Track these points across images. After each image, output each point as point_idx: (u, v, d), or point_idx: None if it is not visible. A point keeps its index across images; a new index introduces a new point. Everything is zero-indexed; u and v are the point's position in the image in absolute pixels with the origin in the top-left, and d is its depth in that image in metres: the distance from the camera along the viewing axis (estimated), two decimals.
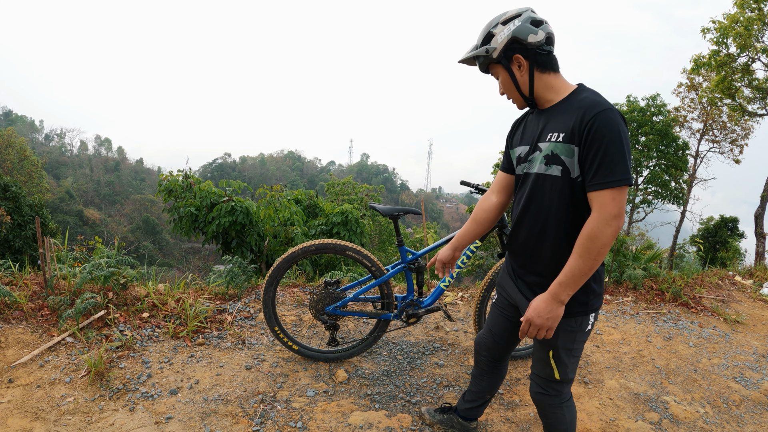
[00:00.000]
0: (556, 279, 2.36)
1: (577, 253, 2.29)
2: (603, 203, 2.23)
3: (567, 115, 2.35)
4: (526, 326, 2.44)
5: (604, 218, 2.23)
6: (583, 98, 2.34)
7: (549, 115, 2.47)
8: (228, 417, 3.51)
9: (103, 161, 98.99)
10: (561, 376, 2.65)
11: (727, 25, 16.35)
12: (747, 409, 4.41)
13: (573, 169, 2.33)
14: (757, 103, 18.77)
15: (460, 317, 5.56)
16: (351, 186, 30.68)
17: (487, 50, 2.45)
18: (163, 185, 7.61)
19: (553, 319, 2.38)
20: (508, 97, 2.59)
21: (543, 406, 2.78)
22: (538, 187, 2.47)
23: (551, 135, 2.40)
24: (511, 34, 2.38)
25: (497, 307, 2.99)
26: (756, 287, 8.10)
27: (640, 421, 3.99)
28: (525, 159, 2.56)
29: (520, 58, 2.41)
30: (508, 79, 2.49)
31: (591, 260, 2.27)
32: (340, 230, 8.69)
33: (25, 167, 48.60)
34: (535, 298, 2.44)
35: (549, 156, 2.40)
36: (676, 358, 5.13)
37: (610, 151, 2.20)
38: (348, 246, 4.00)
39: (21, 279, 4.80)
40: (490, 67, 2.55)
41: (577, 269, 2.29)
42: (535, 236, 2.53)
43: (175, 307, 4.79)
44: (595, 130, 2.21)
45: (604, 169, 2.21)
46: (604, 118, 2.22)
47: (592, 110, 2.25)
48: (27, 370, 3.73)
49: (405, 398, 3.94)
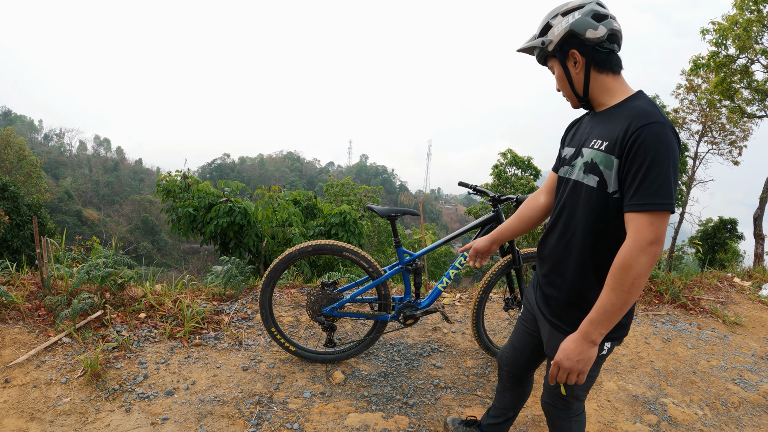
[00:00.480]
0: (587, 316, 2.15)
1: (609, 286, 2.07)
2: (639, 227, 2.01)
3: (614, 122, 2.16)
4: (555, 369, 2.23)
5: (639, 245, 2.00)
6: (635, 106, 2.12)
7: (599, 119, 2.30)
8: (224, 418, 3.50)
9: (102, 161, 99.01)
10: (567, 393, 2.54)
11: (726, 26, 16.36)
12: (746, 411, 4.40)
13: (610, 182, 2.13)
14: (756, 105, 18.78)
15: (458, 319, 5.55)
16: (350, 187, 30.73)
17: (543, 42, 2.28)
18: (161, 185, 7.61)
19: (584, 361, 2.16)
20: (564, 95, 2.40)
21: (551, 417, 2.73)
22: (574, 194, 2.30)
23: (595, 141, 2.22)
24: (568, 27, 2.18)
25: (521, 321, 2.87)
26: (755, 289, 8.09)
27: (639, 423, 3.98)
28: (569, 162, 2.40)
29: (576, 53, 2.22)
30: (563, 75, 2.31)
31: (625, 293, 2.04)
32: (338, 231, 8.68)
33: (23, 167, 48.62)
34: (566, 338, 2.22)
35: (588, 164, 2.22)
36: (675, 360, 5.13)
37: (654, 170, 1.98)
38: (345, 247, 3.99)
39: (18, 279, 4.79)
40: (548, 60, 2.37)
41: (609, 304, 2.07)
42: (563, 246, 2.38)
43: (172, 307, 4.78)
44: (640, 144, 2.00)
45: (645, 190, 1.99)
46: (652, 131, 1.99)
47: (640, 120, 2.03)
48: (23, 371, 3.72)
49: (402, 400, 3.93)
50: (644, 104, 2.10)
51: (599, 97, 2.28)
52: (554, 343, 2.43)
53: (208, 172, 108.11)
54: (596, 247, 2.24)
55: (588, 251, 2.26)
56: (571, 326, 2.35)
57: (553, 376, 2.25)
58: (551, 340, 2.47)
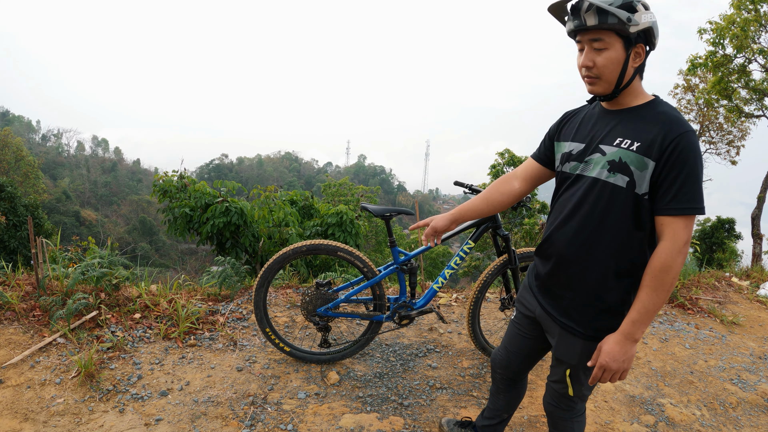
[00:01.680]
0: (628, 317, 2.19)
1: (650, 287, 2.13)
2: (677, 230, 2.10)
3: (645, 124, 2.18)
4: (599, 372, 2.25)
5: (677, 246, 2.09)
6: (666, 112, 2.18)
7: (621, 118, 2.28)
8: (218, 419, 3.48)
9: (100, 162, 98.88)
10: (575, 393, 2.55)
11: (723, 26, 16.36)
12: (744, 411, 4.40)
13: (642, 183, 2.15)
14: (753, 104, 18.78)
15: (454, 319, 5.54)
16: (347, 187, 30.73)
17: (629, 18, 2.08)
18: (158, 186, 7.59)
19: (629, 360, 2.22)
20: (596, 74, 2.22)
21: (553, 418, 2.72)
22: (595, 193, 2.26)
23: (622, 141, 2.21)
24: (651, 23, 2.13)
25: (514, 324, 2.84)
26: (753, 288, 8.09)
27: (636, 424, 3.98)
28: (579, 158, 2.36)
29: (642, 49, 2.19)
30: (621, 61, 2.16)
31: (665, 293, 2.13)
32: (335, 231, 8.66)
33: (21, 167, 48.52)
34: (606, 340, 2.25)
35: (615, 162, 2.20)
36: (673, 360, 5.12)
37: (692, 177, 2.07)
38: (340, 247, 3.98)
39: (14, 279, 4.77)
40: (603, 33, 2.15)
41: (651, 304, 2.13)
42: (578, 245, 2.34)
43: (167, 308, 4.76)
44: (680, 151, 2.06)
45: (684, 195, 2.07)
46: (690, 140, 2.07)
47: (679, 128, 2.09)
48: (18, 371, 3.71)
49: (397, 401, 3.92)
50: (674, 111, 2.17)
51: (628, 95, 2.27)
52: (566, 346, 2.44)
53: (206, 172, 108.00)
54: (620, 248, 2.25)
55: (612, 251, 2.26)
56: (585, 328, 2.37)
57: (597, 378, 2.27)
58: (563, 343, 2.46)
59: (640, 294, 2.15)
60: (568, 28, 2.24)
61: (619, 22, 2.08)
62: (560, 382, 2.57)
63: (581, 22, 2.15)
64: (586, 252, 2.31)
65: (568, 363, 2.48)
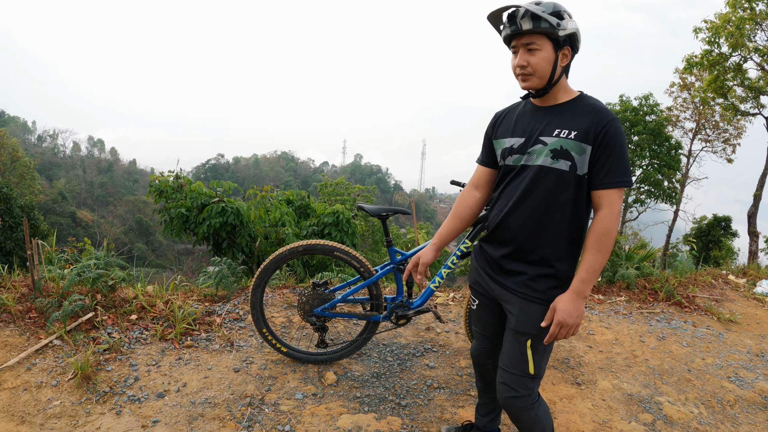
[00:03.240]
0: (577, 276, 2.48)
1: (595, 248, 2.45)
2: (613, 200, 2.44)
3: (578, 116, 2.49)
4: (556, 329, 2.49)
5: (614, 213, 2.44)
6: (594, 104, 2.52)
7: (554, 113, 2.58)
8: (215, 420, 3.48)
9: (95, 162, 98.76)
10: (535, 371, 2.66)
11: (719, 24, 16.42)
12: (741, 409, 4.40)
13: (581, 166, 2.47)
14: (749, 103, 18.88)
15: (451, 318, 5.54)
16: (344, 186, 30.67)
17: (558, 23, 2.41)
18: (153, 186, 7.57)
19: (581, 315, 2.49)
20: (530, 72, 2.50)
21: (515, 411, 2.74)
22: (542, 178, 2.53)
23: (560, 131, 2.50)
24: (575, 29, 2.48)
25: (483, 309, 2.98)
26: (749, 286, 8.11)
27: (634, 422, 3.98)
28: (521, 151, 2.61)
29: (569, 51, 2.53)
30: (551, 60, 2.48)
31: (606, 253, 2.45)
32: (331, 231, 8.66)
33: (17, 168, 48.43)
34: (559, 299, 2.51)
35: (557, 150, 2.49)
36: (670, 358, 5.12)
37: (621, 156, 2.42)
38: (336, 246, 3.97)
39: (9, 281, 4.76)
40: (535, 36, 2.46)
41: (597, 263, 2.44)
42: (531, 226, 2.59)
43: (164, 309, 4.75)
44: (610, 136, 2.41)
45: (616, 170, 2.42)
46: (616, 126, 2.43)
47: (607, 117, 2.44)
48: (14, 373, 3.70)
49: (395, 401, 3.91)
50: (599, 103, 2.53)
51: (557, 92, 2.58)
52: (527, 315, 2.62)
53: (202, 172, 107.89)
54: (568, 223, 2.55)
55: (562, 227, 2.56)
56: (542, 294, 2.60)
57: (554, 335, 2.50)
58: (524, 313, 2.62)
59: (586, 255, 2.47)
60: (505, 33, 2.54)
61: (550, 27, 2.41)
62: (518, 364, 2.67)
63: (518, 27, 2.45)
64: (539, 231, 2.58)
65: (529, 333, 2.63)
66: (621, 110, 27.93)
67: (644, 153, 27.70)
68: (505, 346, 2.74)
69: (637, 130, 27.31)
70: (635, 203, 29.13)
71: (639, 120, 27.45)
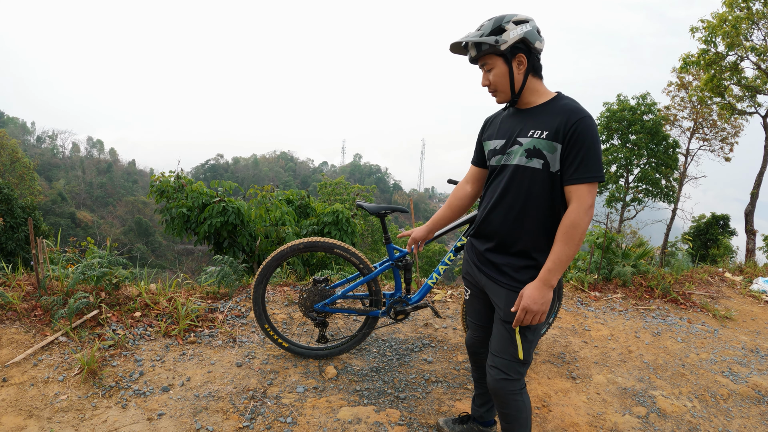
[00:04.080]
0: (544, 267, 2.58)
1: (562, 241, 2.54)
2: (582, 195, 2.52)
3: (551, 116, 2.61)
4: (522, 314, 2.60)
5: (584, 208, 2.51)
6: (566, 104, 2.61)
7: (530, 115, 2.70)
8: (219, 413, 3.55)
9: (95, 163, 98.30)
10: (524, 356, 2.76)
11: (715, 24, 16.45)
12: (735, 403, 4.46)
13: (553, 163, 2.58)
14: (746, 102, 18.88)
15: (449, 314, 5.61)
16: (343, 186, 30.66)
17: (496, 40, 2.58)
18: (154, 186, 7.60)
19: (546, 303, 2.58)
20: (493, 89, 2.75)
21: (503, 395, 2.82)
22: (518, 177, 2.67)
23: (534, 131, 2.62)
24: (523, 35, 2.58)
25: (475, 300, 3.12)
26: (746, 283, 8.17)
27: (628, 415, 4.04)
28: (501, 151, 2.77)
29: (523, 57, 2.63)
30: (506, 73, 2.67)
31: (574, 246, 2.54)
32: (331, 230, 8.70)
33: (17, 169, 48.29)
34: (526, 287, 2.62)
35: (531, 150, 2.62)
36: (665, 354, 5.19)
37: (590, 153, 2.50)
38: (336, 244, 4.05)
39: (14, 280, 4.81)
40: (486, 58, 2.68)
41: (564, 255, 2.54)
42: (511, 221, 2.73)
43: (167, 306, 4.82)
44: (579, 133, 2.50)
45: (585, 166, 2.50)
46: (586, 123, 2.51)
47: (576, 115, 2.53)
48: (21, 369, 3.76)
49: (393, 394, 3.99)
50: (572, 102, 2.63)
51: (529, 96, 2.72)
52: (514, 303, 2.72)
53: (201, 172, 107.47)
54: (545, 218, 2.68)
55: (539, 221, 2.69)
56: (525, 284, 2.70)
57: (520, 319, 2.63)
58: (511, 301, 2.74)
59: (554, 247, 2.57)
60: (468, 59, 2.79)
61: (490, 47, 2.61)
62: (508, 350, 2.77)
63: (469, 55, 2.75)
64: (518, 225, 2.72)
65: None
66: (618, 109, 27.95)
67: (642, 152, 27.70)
68: (495, 333, 2.85)
69: (635, 129, 27.33)
70: (633, 202, 29.14)
71: (636, 119, 27.46)
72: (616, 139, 28.84)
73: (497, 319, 2.83)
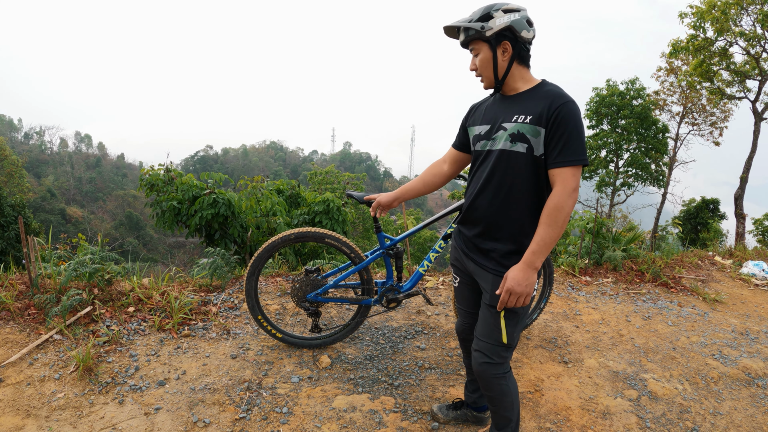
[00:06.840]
0: (528, 249, 2.61)
1: (546, 223, 2.58)
2: (566, 178, 2.56)
3: (535, 101, 2.65)
4: (506, 296, 2.64)
5: (567, 191, 2.55)
6: (549, 90, 2.66)
7: (515, 101, 2.74)
8: (215, 405, 3.57)
9: (83, 158, 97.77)
10: (508, 340, 2.81)
11: (704, 9, 16.49)
12: (725, 385, 4.51)
13: (537, 147, 2.63)
14: (735, 87, 18.97)
15: (441, 301, 5.64)
16: (333, 175, 30.67)
17: (482, 26, 2.64)
18: (144, 180, 7.59)
19: (530, 285, 2.62)
20: (479, 74, 2.81)
21: (488, 378, 2.87)
22: (503, 161, 2.72)
23: (518, 117, 2.67)
24: (509, 23, 2.62)
25: (464, 286, 3.18)
26: (736, 267, 8.24)
27: (619, 398, 4.09)
28: (486, 137, 2.82)
29: (508, 45, 2.67)
30: (490, 59, 2.72)
31: (558, 228, 2.57)
32: (322, 219, 8.70)
33: (5, 167, 47.91)
34: (511, 270, 2.65)
35: (515, 134, 2.66)
36: (655, 337, 5.24)
37: (573, 136, 2.55)
38: (327, 234, 4.06)
39: (6, 279, 4.79)
40: (473, 43, 2.75)
41: (548, 237, 2.57)
42: (497, 206, 2.77)
43: (160, 300, 4.82)
44: (562, 117, 2.55)
45: (568, 150, 2.55)
46: (569, 108, 2.56)
47: (559, 100, 2.58)
48: (16, 369, 3.76)
49: (387, 381, 4.02)
50: (556, 88, 2.68)
51: (514, 83, 2.77)
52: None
53: (191, 164, 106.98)
54: (530, 202, 2.73)
55: (525, 205, 2.73)
56: None
57: (504, 302, 2.67)
58: (497, 285, 2.78)
59: (539, 230, 2.60)
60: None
61: (476, 33, 2.67)
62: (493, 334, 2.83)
63: (459, 40, 2.81)
64: (504, 210, 2.76)
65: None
66: (608, 95, 27.99)
67: (631, 137, 27.76)
68: (481, 318, 2.90)
69: (624, 114, 27.36)
70: (623, 187, 29.23)
71: (626, 104, 27.53)
72: (605, 124, 28.90)
73: (483, 304, 2.88)
